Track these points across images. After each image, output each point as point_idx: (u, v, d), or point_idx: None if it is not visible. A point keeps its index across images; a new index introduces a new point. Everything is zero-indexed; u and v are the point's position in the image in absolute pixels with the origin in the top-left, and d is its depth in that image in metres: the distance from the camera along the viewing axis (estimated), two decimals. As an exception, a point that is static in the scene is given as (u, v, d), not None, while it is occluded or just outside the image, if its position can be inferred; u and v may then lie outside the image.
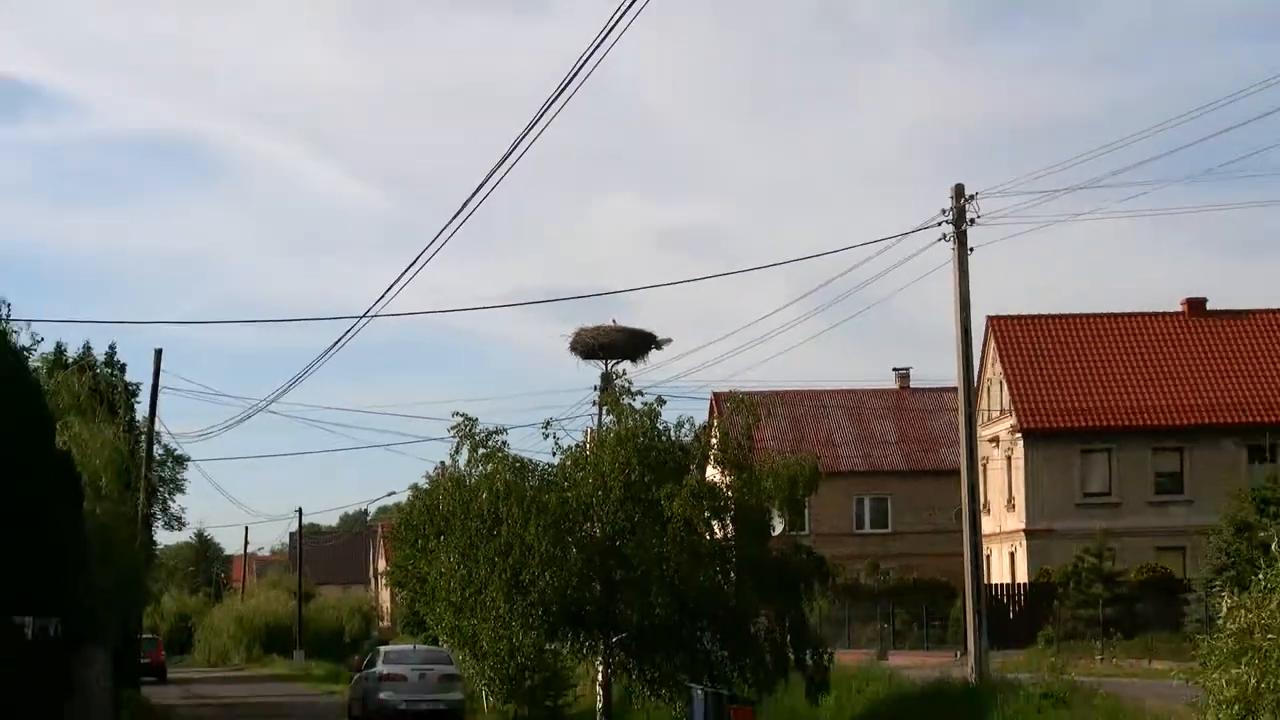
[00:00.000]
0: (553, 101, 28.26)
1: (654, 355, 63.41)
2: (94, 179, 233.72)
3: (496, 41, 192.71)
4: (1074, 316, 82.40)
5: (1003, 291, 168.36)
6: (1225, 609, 11.02)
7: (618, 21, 24.93)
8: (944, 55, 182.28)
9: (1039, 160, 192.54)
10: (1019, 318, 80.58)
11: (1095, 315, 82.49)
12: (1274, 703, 10.45)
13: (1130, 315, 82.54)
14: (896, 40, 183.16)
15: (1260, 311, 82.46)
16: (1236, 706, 10.63)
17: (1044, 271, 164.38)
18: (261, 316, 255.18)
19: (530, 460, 45.28)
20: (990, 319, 77.77)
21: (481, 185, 33.09)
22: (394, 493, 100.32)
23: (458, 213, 37.23)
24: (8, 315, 33.61)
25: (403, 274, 42.20)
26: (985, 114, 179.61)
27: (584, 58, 26.52)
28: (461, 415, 45.83)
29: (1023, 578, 73.77)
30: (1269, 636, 10.53)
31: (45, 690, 31.21)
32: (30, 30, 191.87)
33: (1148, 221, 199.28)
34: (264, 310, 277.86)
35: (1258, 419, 74.51)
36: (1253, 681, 10.56)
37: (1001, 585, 71.07)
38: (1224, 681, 10.73)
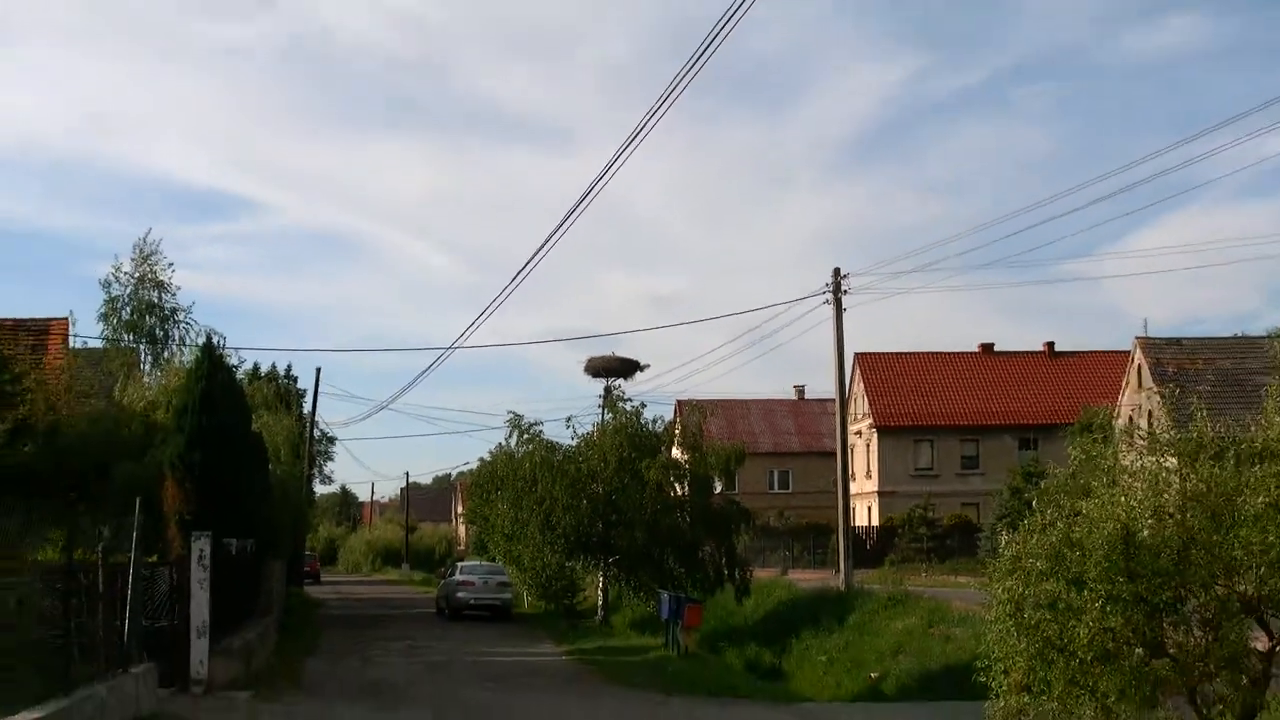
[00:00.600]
0: (575, 209, 28.55)
1: (639, 375, 63.61)
2: (280, 258, 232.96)
3: (535, 168, 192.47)
4: (909, 353, 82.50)
5: (864, 334, 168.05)
6: (1004, 543, 11.18)
7: (617, 159, 25.21)
8: (830, 183, 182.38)
9: (888, 252, 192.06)
10: (875, 353, 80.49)
11: (923, 352, 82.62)
12: (1034, 604, 10.62)
13: (945, 353, 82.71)
14: (800, 174, 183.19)
15: (1027, 352, 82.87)
16: (1010, 605, 10.82)
17: (891, 323, 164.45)
18: (386, 347, 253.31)
19: (557, 442, 45.61)
20: (857, 354, 77.67)
21: (528, 263, 33.38)
22: (468, 462, 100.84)
23: (512, 280, 37.54)
24: (223, 345, 33.66)
25: (475, 320, 42.86)
26: (855, 221, 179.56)
27: (595, 182, 26.79)
28: (513, 413, 46.31)
29: (876, 522, 73.80)
30: (1030, 560, 10.72)
31: (245, 585, 31.36)
32: (242, 158, 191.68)
33: (956, 293, 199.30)
34: (387, 342, 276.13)
35: (1025, 422, 74.77)
36: (1019, 589, 10.75)
37: (862, 527, 71.03)
38: (1001, 590, 10.92)
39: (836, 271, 42.33)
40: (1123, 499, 10.63)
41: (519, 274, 35.30)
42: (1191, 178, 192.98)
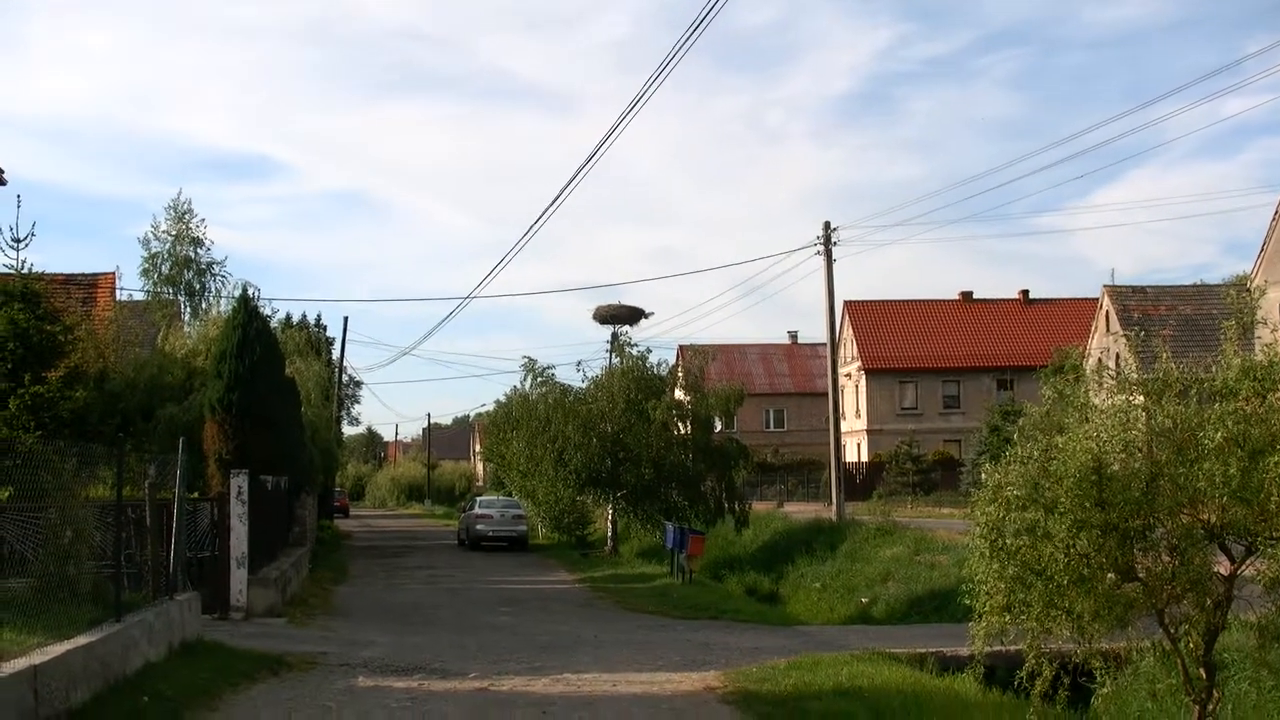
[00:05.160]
0: (581, 169, 28.55)
1: (644, 323, 63.61)
2: (308, 216, 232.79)
3: (544, 134, 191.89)
4: (896, 301, 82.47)
5: (852, 283, 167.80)
6: (985, 475, 11.21)
7: (620, 124, 25.15)
8: (818, 143, 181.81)
9: (873, 208, 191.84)
10: (864, 301, 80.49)
11: (908, 300, 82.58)
12: (1014, 531, 10.66)
13: (928, 301, 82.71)
14: (790, 134, 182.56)
15: (1004, 300, 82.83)
16: (991, 531, 10.86)
17: (877, 273, 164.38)
18: (408, 297, 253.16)
19: (569, 385, 45.80)
20: (846, 302, 77.74)
21: (539, 218, 33.47)
22: (485, 404, 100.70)
23: (524, 234, 37.51)
24: (258, 296, 33.61)
25: (491, 270, 42.83)
26: (842, 178, 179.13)
27: (600, 145, 26.75)
28: (527, 358, 46.40)
29: (865, 458, 73.95)
30: (1009, 490, 10.75)
31: (280, 519, 31.49)
32: (276, 125, 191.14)
33: (937, 245, 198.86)
34: (409, 294, 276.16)
35: (1003, 364, 74.74)
36: (999, 516, 10.79)
37: (852, 463, 71.16)
38: (983, 516, 10.96)
39: (827, 225, 42.34)
40: (1094, 434, 10.64)
41: (531, 228, 35.24)
42: (1151, 139, 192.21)
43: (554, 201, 31.95)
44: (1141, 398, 11.10)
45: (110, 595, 14.76)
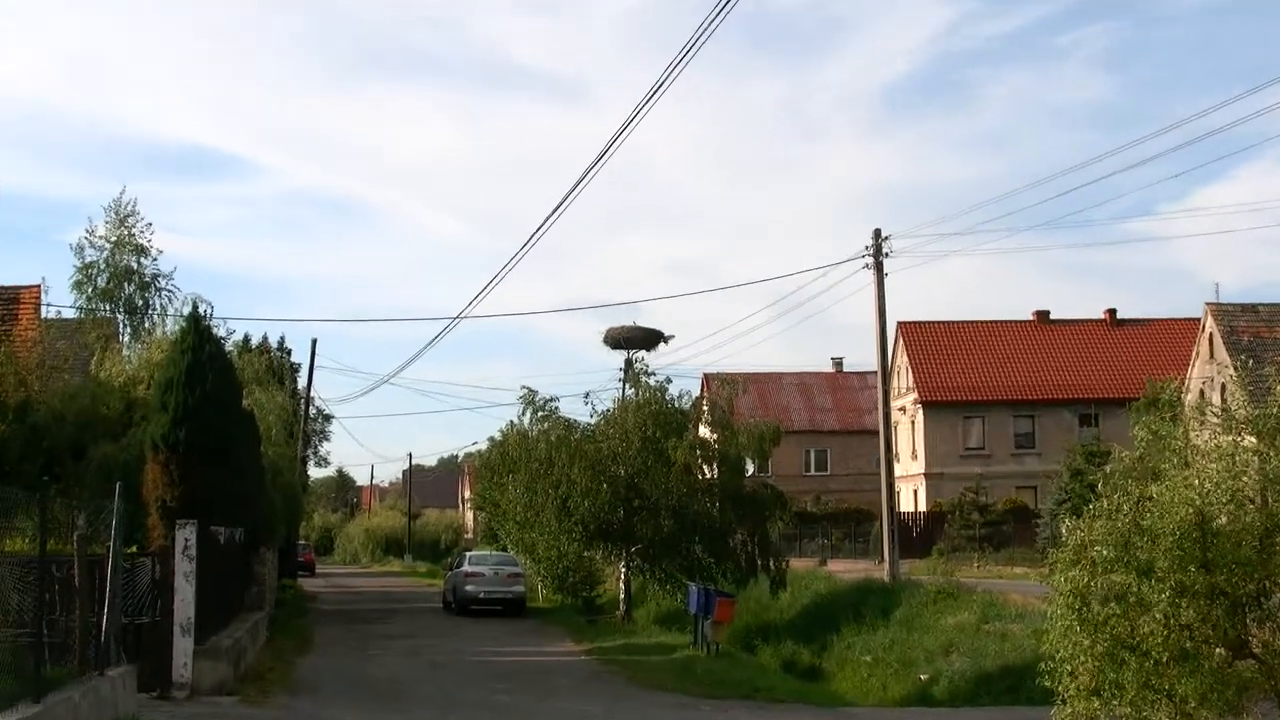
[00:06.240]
0: (592, 166, 28.48)
1: (662, 347, 63.50)
2: (274, 222, 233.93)
3: (551, 127, 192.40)
4: (958, 322, 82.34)
5: (907, 302, 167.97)
6: (1065, 530, 11.06)
7: (636, 114, 25.09)
8: (867, 137, 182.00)
9: (930, 213, 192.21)
10: (920, 323, 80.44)
11: (972, 321, 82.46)
12: (1101, 597, 10.52)
13: (996, 322, 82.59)
14: (835, 126, 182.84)
15: (1087, 320, 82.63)
16: (1074, 599, 10.71)
17: (936, 289, 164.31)
18: (387, 317, 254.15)
19: (575, 421, 45.64)
20: (900, 323, 77.70)
21: (544, 223, 33.38)
22: (476, 442, 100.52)
23: (526, 242, 37.56)
24: (211, 314, 33.51)
25: (485, 286, 42.75)
26: (893, 179, 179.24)
27: (614, 138, 26.69)
28: (527, 388, 46.30)
29: (923, 507, 73.70)
30: (1095, 549, 10.61)
31: (233, 578, 31.39)
32: (237, 112, 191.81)
33: (1006, 256, 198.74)
34: (390, 311, 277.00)
35: (1086, 396, 74.55)
36: (1085, 580, 10.64)
37: (908, 513, 70.86)
38: (1064, 581, 10.81)
39: (877, 233, 42.26)
40: (1196, 482, 10.50)
41: (533, 236, 35.25)
42: (1265, 127, 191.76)
43: (560, 205, 31.94)
44: (1253, 438, 10.96)
45: (29, 669, 14.64)
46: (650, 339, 60.52)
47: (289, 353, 79.21)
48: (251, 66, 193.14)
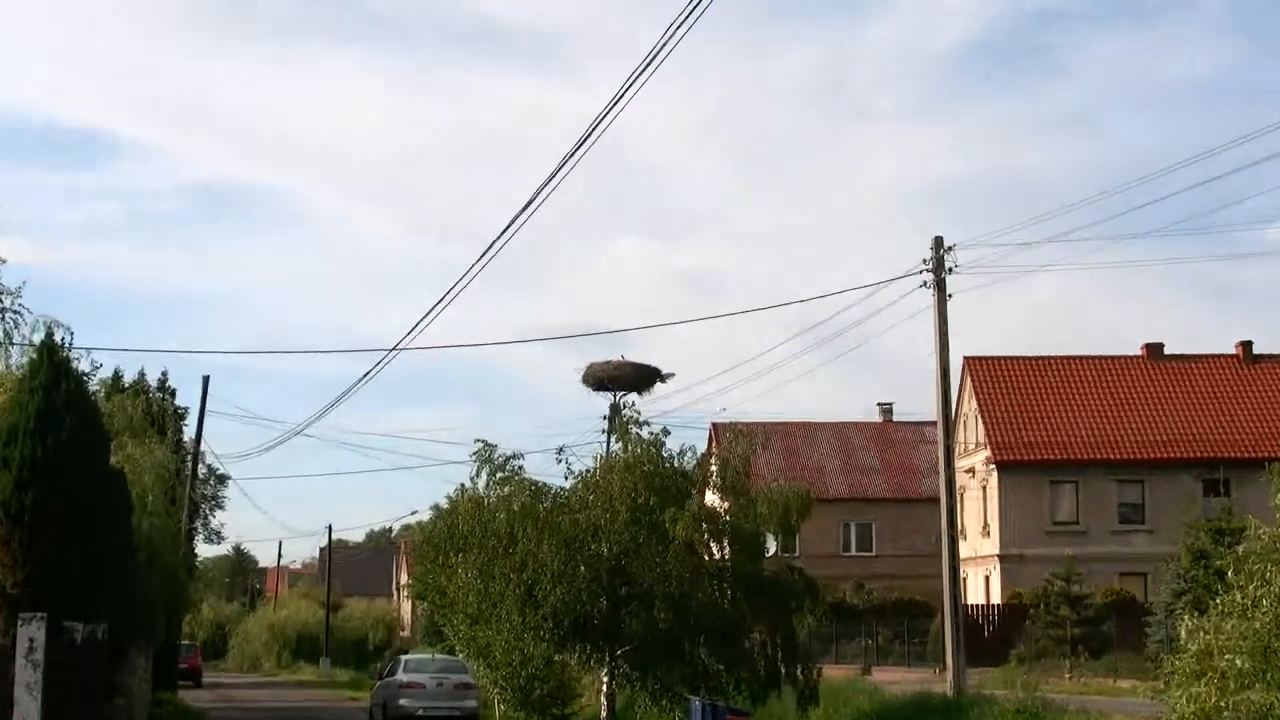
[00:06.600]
0: (573, 152, 28.39)
1: (659, 388, 63.50)
2: (155, 221, 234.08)
3: (518, 100, 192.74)
4: (1042, 358, 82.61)
5: (975, 333, 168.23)
6: (1185, 631, 10.99)
7: (627, 88, 25.03)
8: (920, 119, 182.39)
9: (1002, 217, 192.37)
10: (992, 358, 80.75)
11: (1062, 357, 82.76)
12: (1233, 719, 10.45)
13: (1094, 358, 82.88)
14: (879, 104, 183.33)
15: (1214, 356, 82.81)
16: (1199, 721, 10.62)
17: (1014, 315, 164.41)
18: (302, 348, 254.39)
19: (544, 484, 45.40)
20: (966, 359, 78.01)
21: (504, 231, 33.24)
22: (416, 512, 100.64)
23: (482, 255, 37.44)
24: (70, 343, 33.41)
25: (429, 311, 42.46)
26: (953, 172, 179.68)
27: (600, 116, 26.63)
28: (482, 441, 45.91)
29: (997, 599, 73.75)
30: (1226, 657, 10.52)
31: (90, 693, 31.18)
32: (113, 87, 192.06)
33: (1109, 272, 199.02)
34: (305, 343, 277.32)
35: (1212, 454, 74.53)
36: (1213, 699, 10.56)
37: (977, 606, 70.96)
38: (1185, 699, 10.73)
39: (938, 242, 42.23)
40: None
41: (494, 243, 34.81)
42: None
43: (530, 203, 31.75)
44: None
45: None
46: (642, 378, 60.64)
47: (173, 394, 79.22)
48: (121, 18, 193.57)
